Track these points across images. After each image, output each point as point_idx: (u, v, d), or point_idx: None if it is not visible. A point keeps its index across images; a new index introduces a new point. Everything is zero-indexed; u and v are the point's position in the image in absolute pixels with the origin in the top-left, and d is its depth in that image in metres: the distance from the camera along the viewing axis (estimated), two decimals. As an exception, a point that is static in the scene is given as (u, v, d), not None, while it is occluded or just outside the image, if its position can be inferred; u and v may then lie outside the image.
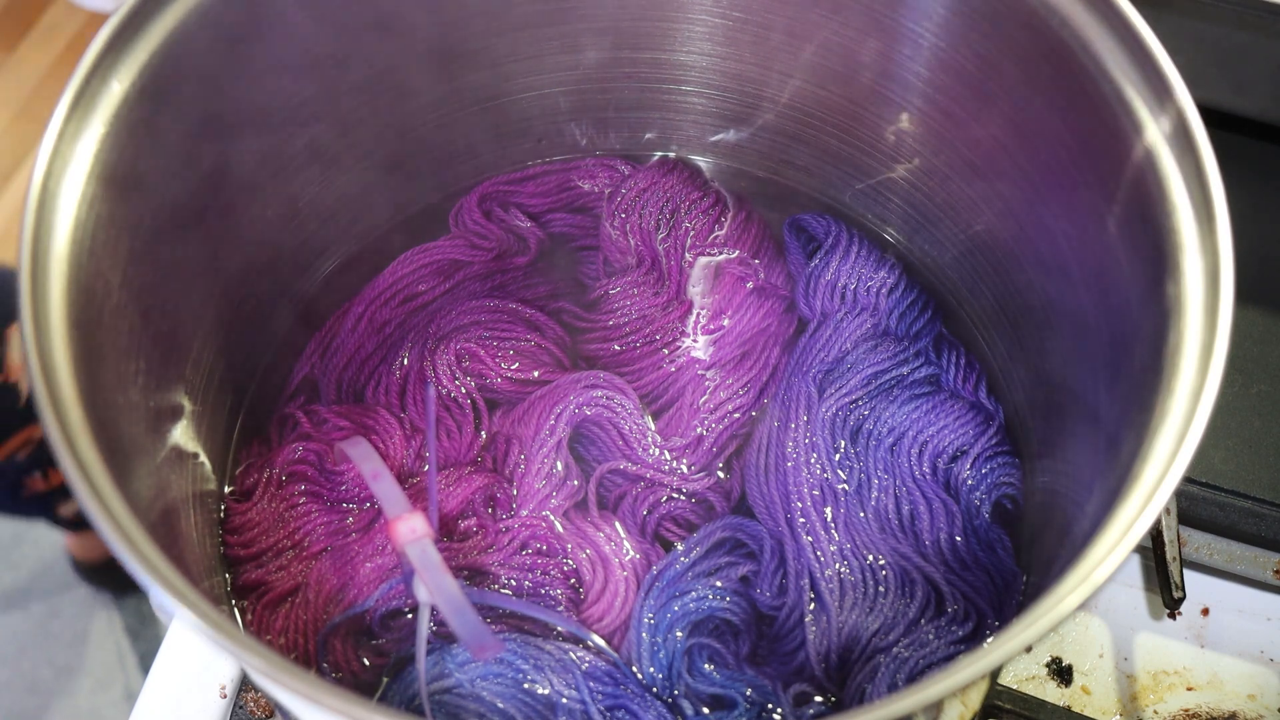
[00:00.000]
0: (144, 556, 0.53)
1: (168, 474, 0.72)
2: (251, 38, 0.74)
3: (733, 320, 0.91)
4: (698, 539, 0.82)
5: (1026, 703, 0.82)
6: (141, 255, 0.69)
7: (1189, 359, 0.58)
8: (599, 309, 0.93)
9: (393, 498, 0.71)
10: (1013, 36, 0.72)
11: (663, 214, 0.95)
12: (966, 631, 0.77)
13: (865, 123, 0.89)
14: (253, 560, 0.81)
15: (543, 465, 0.84)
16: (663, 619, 0.78)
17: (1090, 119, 0.68)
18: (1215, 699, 0.90)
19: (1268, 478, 0.93)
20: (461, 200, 0.98)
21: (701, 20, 0.88)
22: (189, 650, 0.86)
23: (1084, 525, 0.66)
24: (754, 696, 0.76)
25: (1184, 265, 0.61)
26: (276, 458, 0.84)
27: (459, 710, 0.75)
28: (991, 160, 0.81)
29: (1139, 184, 0.64)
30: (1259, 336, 1.00)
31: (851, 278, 0.91)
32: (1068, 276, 0.76)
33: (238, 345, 0.86)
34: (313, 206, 0.89)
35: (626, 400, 0.87)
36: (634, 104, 0.97)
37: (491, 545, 0.81)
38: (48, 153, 0.62)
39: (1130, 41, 0.64)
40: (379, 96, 0.87)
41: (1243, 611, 0.93)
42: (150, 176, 0.69)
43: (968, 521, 0.81)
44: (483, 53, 0.89)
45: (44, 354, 0.58)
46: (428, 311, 0.93)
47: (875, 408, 0.85)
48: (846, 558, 0.79)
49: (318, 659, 0.78)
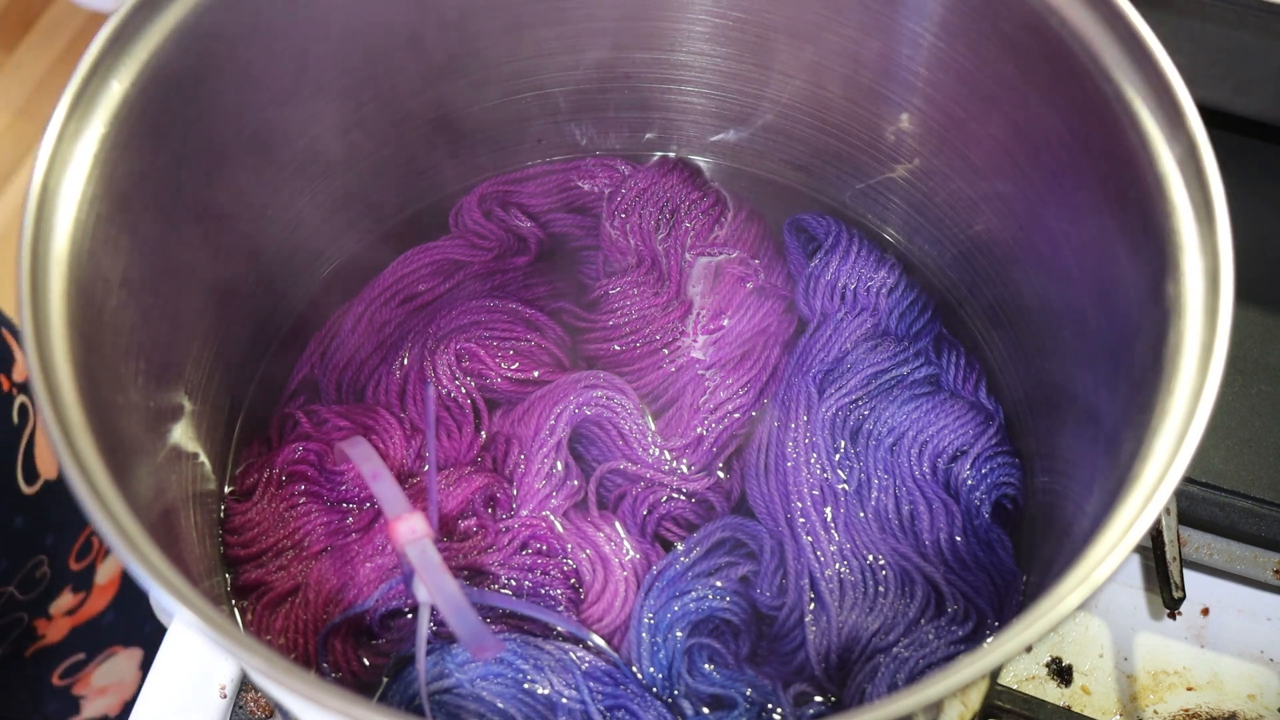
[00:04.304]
0: (144, 556, 0.53)
1: (168, 474, 0.72)
2: (251, 38, 0.74)
3: (733, 320, 0.91)
4: (698, 539, 0.82)
5: (1026, 703, 0.82)
6: (141, 255, 0.69)
7: (1189, 359, 0.58)
8: (599, 309, 0.93)
9: (393, 498, 0.71)
10: (1013, 36, 0.72)
11: (663, 214, 0.95)
12: (966, 631, 0.77)
13: (865, 123, 0.89)
14: (253, 560, 0.81)
15: (543, 465, 0.84)
16: (663, 619, 0.78)
17: (1090, 119, 0.68)
18: (1215, 699, 0.90)
19: (1268, 478, 0.93)
20: (461, 200, 0.98)
21: (701, 20, 0.88)
22: (189, 650, 0.86)
23: (1084, 525, 0.66)
24: (754, 696, 0.76)
25: (1184, 265, 0.61)
26: (276, 458, 0.84)
27: (459, 710, 0.75)
28: (991, 160, 0.81)
29: (1139, 184, 0.64)
30: (1259, 336, 1.00)
31: (851, 278, 0.91)
32: (1068, 276, 0.76)
33: (238, 345, 0.86)
34: (313, 206, 0.89)
35: (626, 400, 0.87)
36: (634, 104, 0.97)
37: (491, 545, 0.81)
38: (48, 153, 0.62)
39: (1130, 41, 0.64)
40: (378, 96, 0.87)
41: (1243, 611, 0.93)
42: (150, 176, 0.69)
43: (968, 521, 0.81)
44: (483, 53, 0.89)
45: (44, 354, 0.58)
46: (428, 311, 0.93)
47: (875, 408, 0.85)
48: (846, 558, 0.79)
49: (318, 659, 0.78)
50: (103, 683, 1.30)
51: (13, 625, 1.17)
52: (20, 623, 1.18)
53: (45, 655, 1.24)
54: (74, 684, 1.28)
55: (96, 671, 1.30)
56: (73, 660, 1.27)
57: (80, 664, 1.28)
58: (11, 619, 1.15)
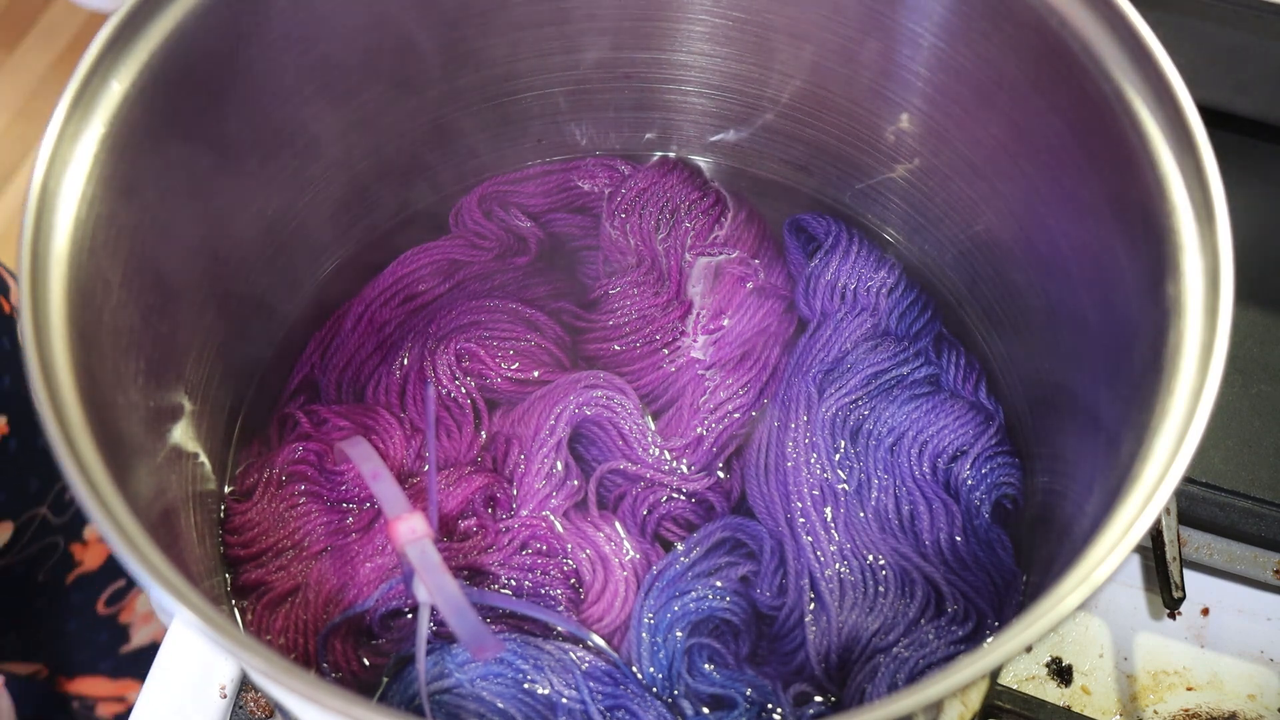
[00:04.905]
0: (144, 556, 0.53)
1: (168, 474, 0.73)
2: (251, 38, 0.74)
3: (733, 320, 0.91)
4: (698, 539, 0.82)
5: (1026, 703, 0.82)
6: (141, 255, 0.69)
7: (1189, 359, 0.58)
8: (599, 309, 0.93)
9: (393, 498, 0.71)
10: (1012, 36, 0.72)
11: (663, 214, 0.95)
12: (966, 631, 0.77)
13: (865, 123, 0.89)
14: (253, 560, 0.81)
15: (543, 465, 0.84)
16: (663, 619, 0.78)
17: (1090, 119, 0.68)
18: (1215, 699, 0.90)
19: (1268, 478, 0.93)
20: (461, 200, 0.98)
21: (701, 20, 0.88)
22: (189, 650, 0.86)
23: (1084, 525, 0.66)
24: (754, 696, 0.76)
25: (1184, 265, 0.61)
26: (276, 458, 0.84)
27: (459, 710, 0.75)
28: (991, 160, 0.81)
29: (1139, 184, 0.64)
30: (1259, 336, 1.00)
31: (851, 278, 0.91)
32: (1068, 276, 0.76)
33: (238, 345, 0.86)
34: (313, 206, 0.89)
35: (626, 400, 0.87)
36: (634, 104, 0.97)
37: (491, 545, 0.81)
38: (48, 153, 0.62)
39: (1130, 41, 0.64)
40: (378, 96, 0.87)
41: (1243, 611, 0.93)
42: (150, 177, 0.69)
43: (968, 521, 0.81)
44: (483, 53, 0.89)
45: (44, 354, 0.58)
46: (428, 311, 0.93)
47: (875, 408, 0.85)
48: (846, 558, 0.79)
49: (318, 659, 0.78)
50: (146, 609, 1.30)
51: (49, 551, 1.16)
52: (56, 548, 1.17)
53: (86, 583, 1.23)
54: (119, 611, 1.28)
55: (141, 598, 1.30)
56: (115, 587, 1.27)
57: (122, 591, 1.28)
58: (47, 544, 1.15)
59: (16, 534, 1.10)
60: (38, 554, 1.15)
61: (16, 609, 1.19)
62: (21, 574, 1.15)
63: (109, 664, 1.30)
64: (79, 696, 1.32)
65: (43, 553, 1.16)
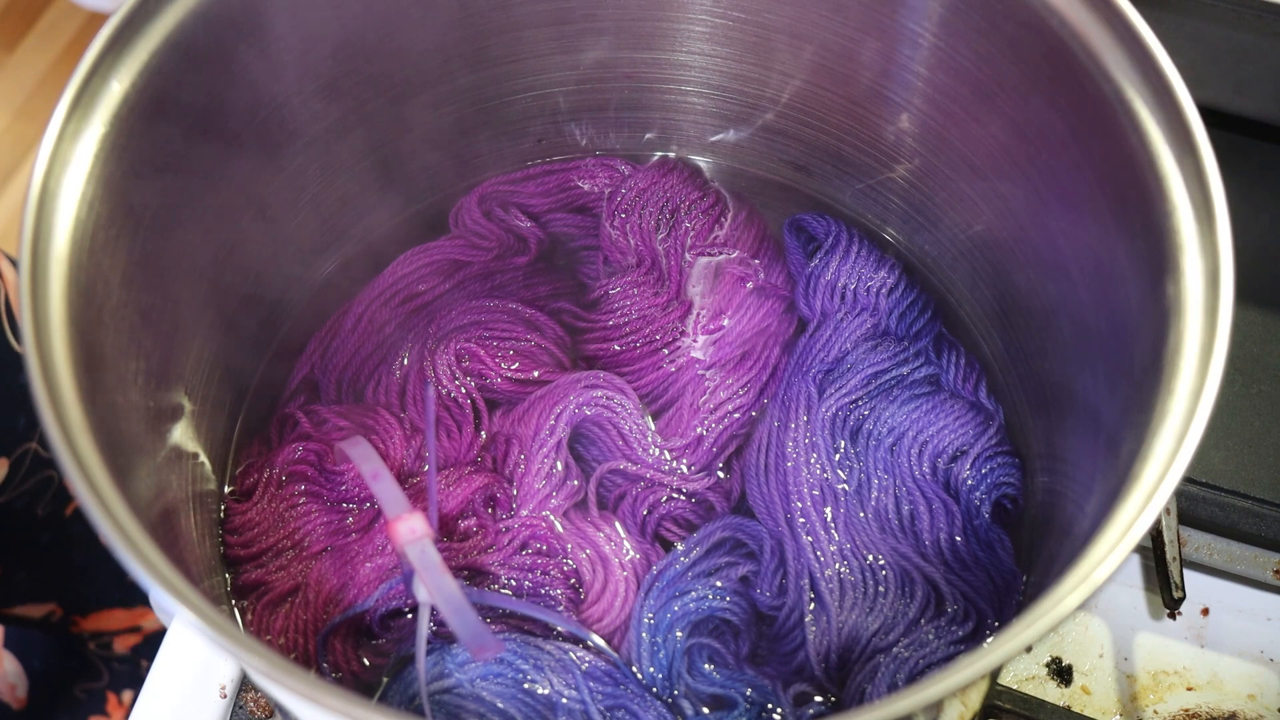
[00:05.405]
0: (144, 556, 0.53)
1: (168, 474, 0.73)
2: (251, 39, 0.74)
3: (733, 320, 0.91)
4: (698, 539, 0.82)
5: (1026, 703, 0.82)
6: (141, 255, 0.69)
7: (1189, 359, 0.58)
8: (599, 309, 0.93)
9: (392, 498, 0.71)
10: (1013, 36, 0.72)
11: (663, 214, 0.95)
12: (966, 631, 0.77)
13: (865, 123, 0.89)
14: (253, 560, 0.81)
15: (543, 465, 0.84)
16: (663, 619, 0.78)
17: (1090, 119, 0.68)
18: (1215, 699, 0.90)
19: (1268, 478, 0.93)
20: (461, 200, 0.98)
21: (701, 20, 0.88)
22: (189, 650, 0.86)
23: (1084, 525, 0.66)
24: (754, 696, 0.76)
25: (1184, 265, 0.61)
26: (276, 458, 0.84)
27: (459, 710, 0.75)
28: (991, 160, 0.81)
29: (1139, 184, 0.64)
30: (1259, 336, 1.00)
31: (851, 278, 0.91)
32: (1068, 276, 0.76)
33: (238, 345, 0.86)
34: (313, 206, 0.89)
35: (626, 400, 0.87)
36: (634, 104, 0.97)
37: (491, 545, 0.81)
38: (48, 153, 0.62)
39: (1130, 41, 0.64)
40: (378, 97, 0.87)
41: (1243, 611, 0.93)
42: (150, 177, 0.69)
43: (968, 521, 0.81)
44: (482, 53, 0.89)
45: (44, 354, 0.58)
46: (428, 311, 0.93)
47: (875, 408, 0.85)
48: (846, 558, 0.79)
49: (318, 659, 0.78)
50: None
51: (44, 484, 1.17)
52: (51, 481, 1.18)
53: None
54: None
55: None
56: None
57: None
58: (42, 477, 1.16)
59: (12, 469, 1.11)
60: (35, 487, 1.16)
61: (22, 546, 1.19)
62: (23, 508, 1.15)
63: (120, 593, 1.30)
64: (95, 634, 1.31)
65: (39, 486, 1.16)
